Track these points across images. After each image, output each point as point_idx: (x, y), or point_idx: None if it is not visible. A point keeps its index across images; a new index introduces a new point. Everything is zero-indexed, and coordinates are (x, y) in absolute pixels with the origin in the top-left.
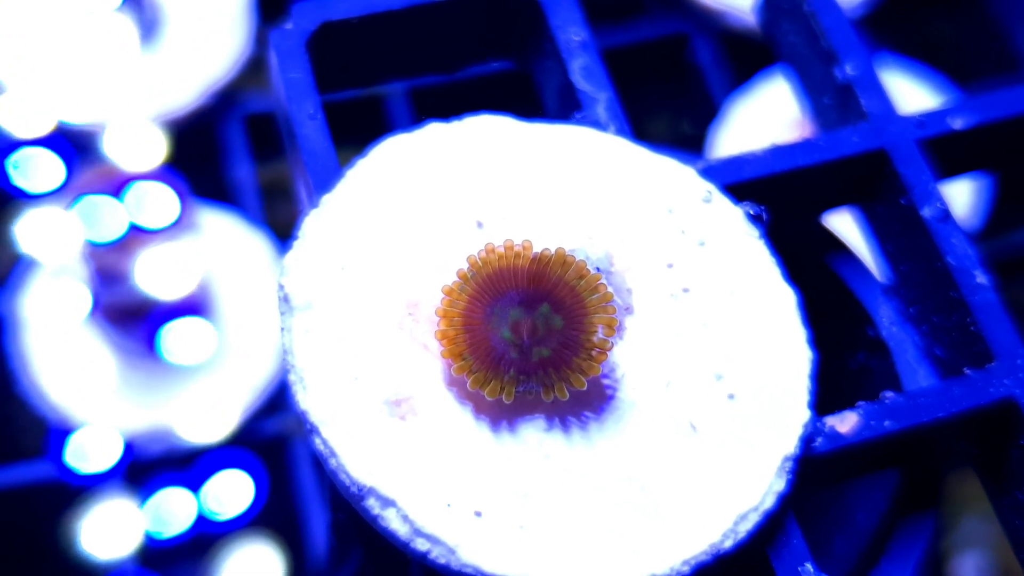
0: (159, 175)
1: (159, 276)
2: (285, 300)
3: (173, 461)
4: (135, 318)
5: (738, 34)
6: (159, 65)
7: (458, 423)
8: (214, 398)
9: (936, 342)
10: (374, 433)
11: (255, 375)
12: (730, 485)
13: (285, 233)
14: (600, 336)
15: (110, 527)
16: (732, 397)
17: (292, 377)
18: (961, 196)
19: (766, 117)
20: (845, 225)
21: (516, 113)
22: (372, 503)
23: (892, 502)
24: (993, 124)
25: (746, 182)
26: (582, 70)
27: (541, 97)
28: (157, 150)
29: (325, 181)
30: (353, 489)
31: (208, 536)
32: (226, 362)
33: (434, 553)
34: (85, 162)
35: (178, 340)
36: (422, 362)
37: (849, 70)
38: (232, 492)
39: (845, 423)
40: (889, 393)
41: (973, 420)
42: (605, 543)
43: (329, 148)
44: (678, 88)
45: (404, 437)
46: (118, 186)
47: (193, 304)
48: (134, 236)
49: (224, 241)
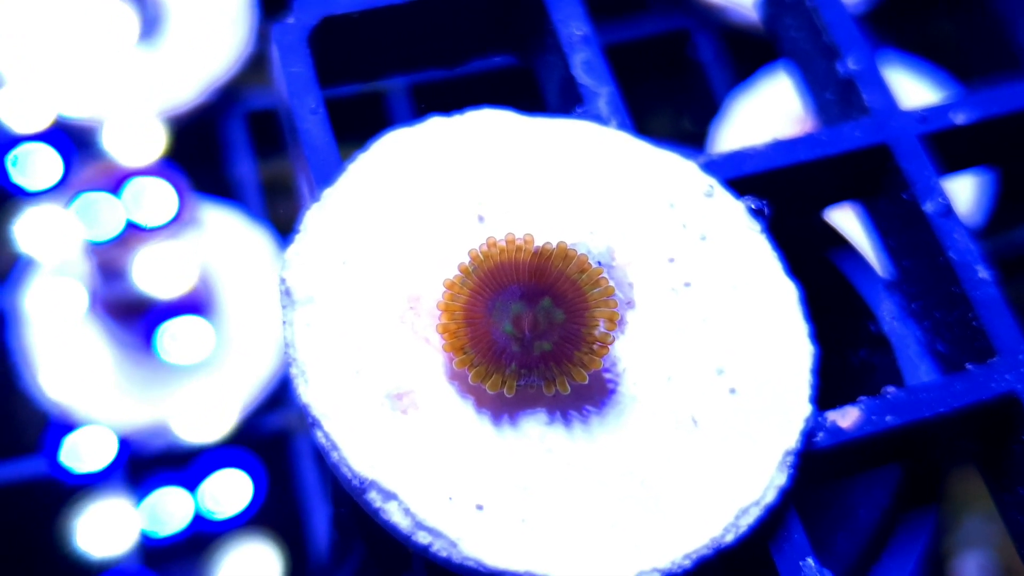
0: (157, 170)
1: (158, 273)
2: (287, 294)
3: (170, 459)
4: (134, 314)
5: (740, 30)
6: (160, 61)
7: (460, 417)
8: (213, 396)
9: (938, 337)
10: (376, 427)
11: (256, 372)
12: (731, 479)
13: (286, 230)
14: (601, 330)
15: (106, 525)
16: (733, 391)
17: (294, 371)
18: (963, 193)
19: (768, 113)
20: (847, 220)
21: (517, 108)
22: (374, 496)
23: (893, 498)
24: (995, 119)
25: (748, 177)
26: (583, 64)
27: (542, 92)
28: (156, 145)
29: (326, 175)
30: (355, 482)
31: (205, 535)
32: (226, 359)
33: (436, 546)
34: (84, 158)
35: (176, 339)
36: (424, 356)
37: (851, 65)
38: (230, 491)
39: (847, 418)
40: (891, 388)
41: (975, 415)
42: (606, 537)
43: (330, 142)
44: (679, 84)
45: (406, 431)
46: (116, 182)
47: (192, 302)
48: (132, 233)
49: (225, 238)
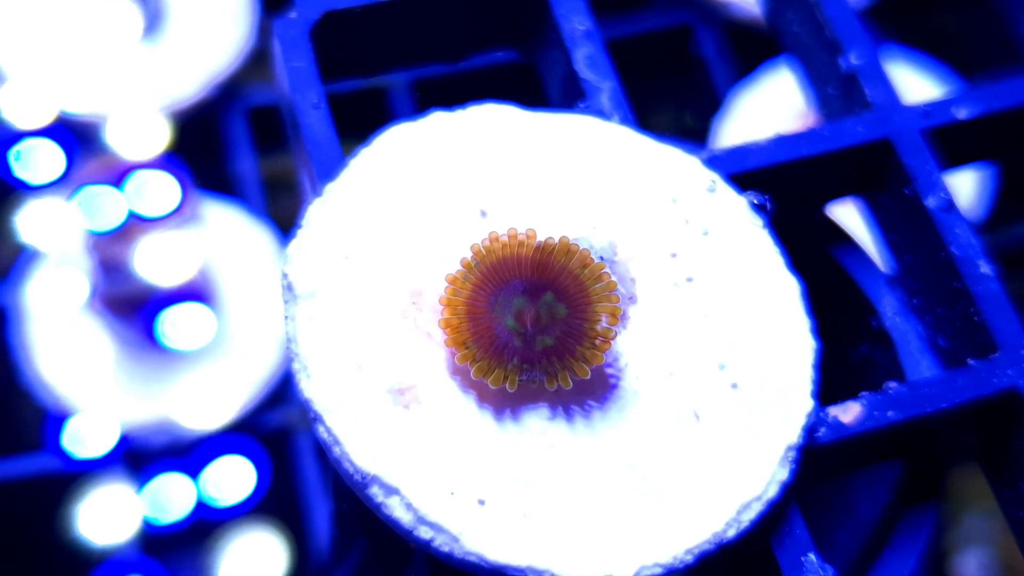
0: (160, 163)
1: (159, 264)
2: (289, 288)
3: (172, 449)
4: (135, 306)
5: (742, 25)
6: (162, 57)
7: (462, 411)
8: (214, 387)
9: (940, 332)
10: (378, 421)
11: (257, 366)
12: (733, 474)
13: (287, 226)
14: (604, 325)
15: (108, 513)
16: (735, 386)
17: (296, 365)
18: (965, 188)
19: (770, 108)
20: (849, 215)
21: (520, 103)
22: (375, 491)
23: (895, 494)
24: (998, 114)
25: (750, 172)
26: (586, 59)
27: (545, 87)
28: (159, 139)
29: (329, 170)
30: (357, 477)
31: (208, 523)
32: (228, 354)
33: (437, 541)
34: (86, 153)
35: (177, 326)
36: (426, 351)
37: (853, 59)
38: (232, 478)
39: (848, 413)
40: (892, 383)
41: (976, 411)
42: (608, 532)
43: (333, 137)
44: (682, 80)
45: (407, 425)
46: (119, 175)
47: (193, 291)
48: (134, 224)
49: (227, 233)
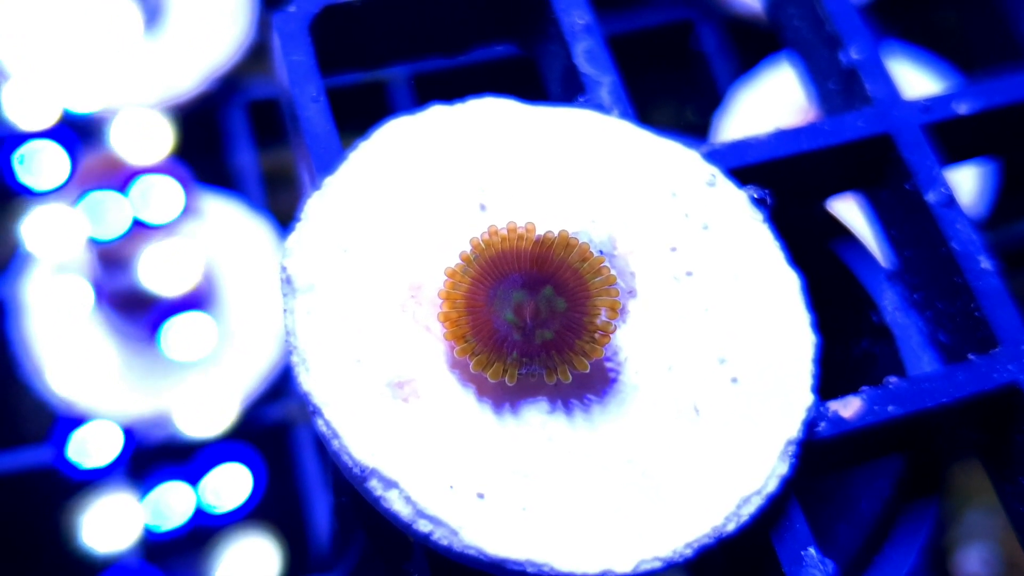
0: (164, 167)
1: (162, 271)
2: (287, 282)
3: (172, 453)
4: (137, 308)
5: (743, 20)
6: (162, 51)
7: (461, 405)
8: (215, 389)
9: (940, 328)
10: (376, 415)
11: (257, 363)
12: (733, 468)
13: (287, 220)
14: (603, 319)
15: (110, 520)
16: (735, 381)
17: (295, 359)
18: (966, 183)
19: (771, 103)
20: (849, 210)
21: (519, 97)
22: (375, 485)
23: (895, 489)
24: (998, 109)
25: (750, 166)
26: (586, 53)
27: (545, 81)
28: (163, 141)
29: (328, 163)
30: (356, 471)
31: (207, 529)
32: (227, 352)
33: (436, 535)
34: (90, 153)
35: (179, 336)
36: (425, 344)
37: (854, 55)
38: (231, 486)
39: (849, 408)
40: (893, 378)
41: (977, 406)
42: (608, 526)
43: (332, 130)
44: (682, 75)
45: (406, 419)
46: (123, 180)
47: (195, 298)
48: (139, 230)
49: (226, 227)
